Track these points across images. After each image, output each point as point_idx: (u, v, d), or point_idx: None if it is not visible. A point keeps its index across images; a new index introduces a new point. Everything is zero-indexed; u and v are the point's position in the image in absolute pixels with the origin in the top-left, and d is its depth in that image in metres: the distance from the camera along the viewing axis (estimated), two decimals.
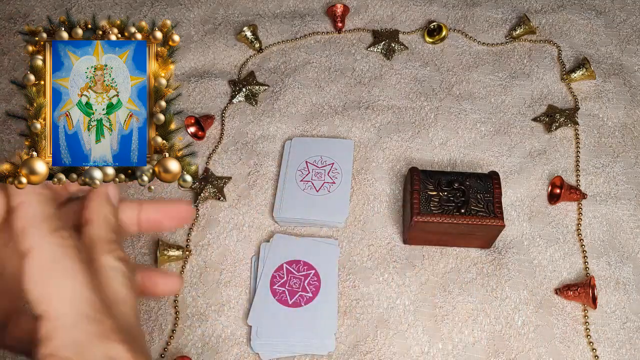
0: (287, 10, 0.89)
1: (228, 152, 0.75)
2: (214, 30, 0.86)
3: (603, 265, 0.66)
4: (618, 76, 0.81)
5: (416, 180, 0.64)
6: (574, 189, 0.69)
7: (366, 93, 0.80)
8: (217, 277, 0.65)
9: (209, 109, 0.78)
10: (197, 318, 0.63)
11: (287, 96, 0.79)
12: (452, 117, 0.77)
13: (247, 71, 0.82)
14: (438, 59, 0.83)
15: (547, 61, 0.83)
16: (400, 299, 0.64)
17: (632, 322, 0.62)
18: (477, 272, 0.65)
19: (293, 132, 0.76)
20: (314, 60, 0.83)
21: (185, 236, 0.68)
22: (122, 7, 0.89)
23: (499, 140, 0.75)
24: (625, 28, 0.86)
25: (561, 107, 0.78)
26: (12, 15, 0.88)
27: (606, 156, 0.74)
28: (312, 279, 0.64)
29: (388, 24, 0.87)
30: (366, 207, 0.70)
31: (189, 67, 0.83)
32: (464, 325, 0.62)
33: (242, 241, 0.68)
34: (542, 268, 0.66)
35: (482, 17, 0.87)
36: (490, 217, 0.62)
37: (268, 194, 0.71)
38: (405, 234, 0.66)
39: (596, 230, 0.68)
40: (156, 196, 0.71)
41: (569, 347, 0.61)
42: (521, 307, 0.63)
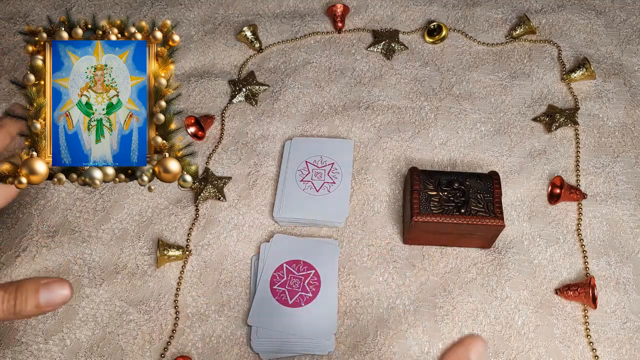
0: (287, 10, 0.89)
1: (228, 152, 0.75)
2: (214, 30, 0.86)
3: (603, 265, 0.66)
4: (618, 76, 0.81)
5: (416, 180, 0.64)
6: (574, 189, 0.69)
7: (366, 93, 0.80)
8: (217, 277, 0.65)
9: (209, 109, 0.78)
10: (197, 318, 0.63)
11: (287, 96, 0.79)
12: (452, 117, 0.77)
13: (247, 71, 0.82)
14: (438, 59, 0.83)
15: (547, 61, 0.83)
16: (400, 299, 0.64)
17: (632, 322, 0.62)
18: (477, 272, 0.65)
19: (293, 132, 0.76)
20: (314, 60, 0.83)
21: (185, 236, 0.68)
22: (122, 7, 0.89)
23: (499, 140, 0.75)
24: (625, 28, 0.86)
25: (561, 107, 0.78)
26: (12, 15, 0.88)
27: (606, 156, 0.74)
28: (312, 279, 0.64)
29: (388, 24, 0.87)
30: (366, 207, 0.70)
31: (189, 67, 0.83)
32: (464, 325, 0.62)
33: (242, 241, 0.68)
34: (542, 268, 0.66)
35: (482, 17, 0.87)
36: (490, 217, 0.62)
37: (268, 194, 0.71)
38: (405, 234, 0.66)
39: (596, 230, 0.68)
40: (155, 196, 0.71)
41: (569, 347, 0.61)
42: (521, 307, 0.63)
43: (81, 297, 0.64)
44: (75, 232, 0.68)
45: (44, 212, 0.69)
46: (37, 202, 0.69)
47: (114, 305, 0.63)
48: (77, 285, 0.65)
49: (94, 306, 0.63)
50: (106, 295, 0.64)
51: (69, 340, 0.61)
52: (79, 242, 0.67)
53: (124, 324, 0.62)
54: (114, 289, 0.64)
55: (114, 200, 0.70)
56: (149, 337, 0.62)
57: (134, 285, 0.65)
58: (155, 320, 0.63)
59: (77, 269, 0.66)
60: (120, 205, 0.70)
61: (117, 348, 0.61)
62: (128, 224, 0.69)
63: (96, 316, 0.63)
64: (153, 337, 0.62)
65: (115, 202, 0.70)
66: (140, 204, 0.70)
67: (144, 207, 0.70)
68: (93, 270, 0.66)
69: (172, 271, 0.66)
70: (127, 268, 0.66)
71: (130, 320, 0.63)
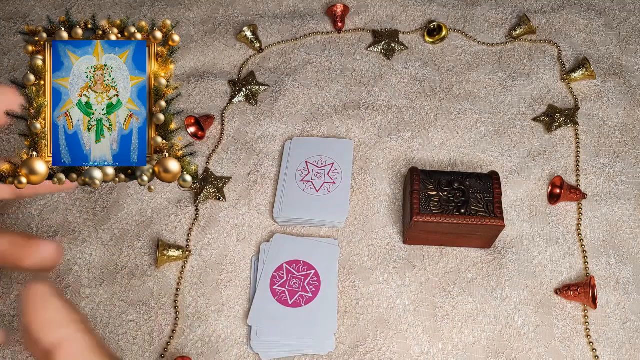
0: (287, 10, 0.89)
1: (228, 152, 0.75)
2: (214, 30, 0.86)
3: (603, 265, 0.66)
4: (618, 76, 0.81)
5: (416, 180, 0.64)
6: (574, 189, 0.69)
7: (366, 93, 0.80)
8: (217, 277, 0.65)
9: (209, 109, 0.78)
10: (197, 318, 0.63)
11: (287, 96, 0.79)
12: (452, 117, 0.77)
13: (247, 71, 0.82)
14: (438, 59, 0.83)
15: (547, 61, 0.83)
16: (400, 299, 0.64)
17: (632, 322, 0.62)
18: (477, 272, 0.65)
19: (293, 132, 0.76)
20: (314, 60, 0.83)
21: (185, 236, 0.68)
22: (122, 7, 0.89)
23: (499, 140, 0.75)
24: (625, 28, 0.86)
25: (561, 107, 0.78)
26: (12, 15, 0.88)
27: (606, 156, 0.74)
28: (312, 279, 0.64)
29: (388, 24, 0.87)
30: (366, 207, 0.70)
31: (189, 67, 0.83)
32: (464, 325, 0.62)
33: (242, 241, 0.68)
34: (542, 268, 0.66)
35: (482, 17, 0.87)
36: (490, 217, 0.62)
37: (268, 194, 0.71)
38: (405, 234, 0.66)
39: (596, 230, 0.68)
40: (155, 196, 0.71)
41: (569, 347, 0.61)
42: (521, 307, 0.63)
43: (81, 298, 0.64)
44: (75, 232, 0.68)
45: (44, 212, 0.69)
46: (37, 202, 0.69)
47: (113, 306, 0.63)
48: (77, 286, 0.65)
49: (93, 306, 0.63)
50: (106, 296, 0.64)
51: None
52: (79, 242, 0.67)
53: (124, 324, 0.62)
54: (114, 289, 0.64)
55: (114, 200, 0.70)
56: (149, 338, 0.62)
57: (133, 285, 0.65)
58: (155, 321, 0.63)
59: (77, 269, 0.66)
60: (120, 205, 0.70)
61: (117, 348, 0.61)
62: (128, 224, 0.69)
63: (96, 316, 0.63)
64: (153, 337, 0.62)
65: (115, 202, 0.70)
66: (140, 204, 0.70)
67: (144, 207, 0.70)
68: (93, 270, 0.66)
69: (172, 271, 0.66)
70: (127, 268, 0.66)
71: (130, 321, 0.63)
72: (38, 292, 0.30)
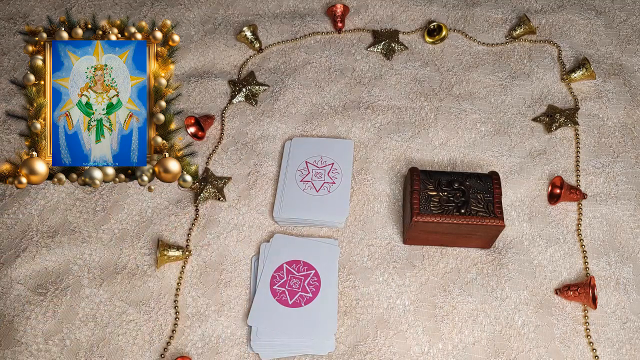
0: (287, 10, 0.89)
1: (228, 152, 0.75)
2: (214, 30, 0.86)
3: (603, 265, 0.66)
4: (618, 76, 0.81)
5: (416, 180, 0.64)
6: (574, 189, 0.69)
7: (366, 93, 0.80)
8: (217, 277, 0.65)
9: (209, 109, 0.78)
10: (197, 318, 0.63)
11: (287, 96, 0.79)
12: (452, 117, 0.77)
13: (247, 71, 0.82)
14: (438, 59, 0.83)
15: (547, 61, 0.83)
16: (400, 299, 0.64)
17: (632, 322, 0.62)
18: (477, 272, 0.65)
19: (293, 132, 0.76)
20: (314, 60, 0.83)
21: (185, 236, 0.68)
22: (122, 7, 0.89)
23: (499, 140, 0.75)
24: (625, 28, 0.86)
25: (561, 107, 0.78)
26: (12, 15, 0.88)
27: (606, 156, 0.74)
28: (312, 279, 0.64)
29: (388, 24, 0.87)
30: (366, 207, 0.70)
31: (189, 67, 0.83)
32: (464, 325, 0.62)
33: (242, 241, 0.68)
34: (542, 268, 0.66)
35: (482, 17, 0.87)
36: (490, 217, 0.62)
37: (268, 194, 0.71)
38: (405, 234, 0.66)
39: (596, 230, 0.68)
40: (155, 196, 0.71)
41: (569, 347, 0.61)
42: (521, 307, 0.63)
43: (81, 298, 0.64)
44: (75, 232, 0.68)
45: (44, 212, 0.69)
46: (37, 202, 0.69)
47: (113, 306, 0.63)
48: (77, 286, 0.65)
49: (93, 306, 0.63)
50: (106, 296, 0.64)
51: (68, 341, 0.61)
52: (79, 242, 0.67)
53: (124, 324, 0.62)
54: (114, 289, 0.64)
55: (114, 200, 0.70)
56: (149, 338, 0.62)
57: (133, 285, 0.65)
58: (155, 321, 0.63)
59: (77, 269, 0.66)
60: (120, 205, 0.70)
61: (117, 348, 0.61)
62: (128, 224, 0.69)
63: (96, 316, 0.63)
64: (153, 337, 0.62)
65: (115, 202, 0.70)
66: (140, 204, 0.70)
67: (144, 207, 0.70)
68: (93, 270, 0.66)
69: (172, 271, 0.66)
70: (127, 268, 0.66)
71: (130, 321, 0.63)
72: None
